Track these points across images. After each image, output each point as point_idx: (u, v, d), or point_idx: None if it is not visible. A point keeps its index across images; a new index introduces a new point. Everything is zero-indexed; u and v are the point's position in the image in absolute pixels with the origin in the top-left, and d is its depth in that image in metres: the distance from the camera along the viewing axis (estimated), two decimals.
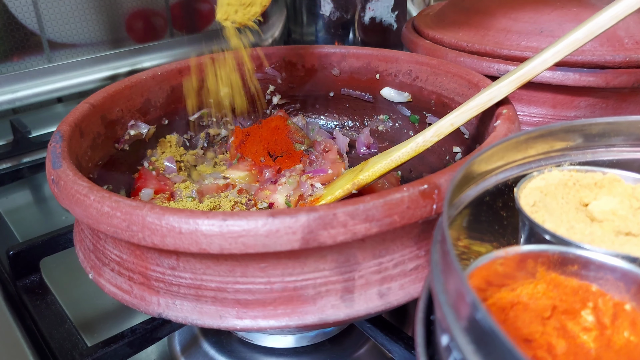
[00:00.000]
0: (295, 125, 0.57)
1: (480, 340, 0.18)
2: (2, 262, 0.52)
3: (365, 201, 0.28)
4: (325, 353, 0.46)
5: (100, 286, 0.35)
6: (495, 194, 0.30)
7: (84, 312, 0.50)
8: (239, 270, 0.30)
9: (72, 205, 0.32)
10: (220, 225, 0.27)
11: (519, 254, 0.25)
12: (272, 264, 0.30)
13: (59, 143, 0.37)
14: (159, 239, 0.28)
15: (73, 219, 0.51)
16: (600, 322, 0.23)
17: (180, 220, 0.28)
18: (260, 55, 0.56)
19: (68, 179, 0.32)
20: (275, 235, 0.27)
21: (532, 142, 0.30)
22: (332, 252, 0.30)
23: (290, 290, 0.30)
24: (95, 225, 0.30)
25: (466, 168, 0.27)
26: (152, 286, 0.32)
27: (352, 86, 0.57)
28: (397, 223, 0.29)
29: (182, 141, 0.55)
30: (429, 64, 0.51)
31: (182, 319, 0.32)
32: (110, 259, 0.34)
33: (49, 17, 0.82)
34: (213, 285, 0.31)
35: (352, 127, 0.59)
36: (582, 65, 0.47)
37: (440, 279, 0.21)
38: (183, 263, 0.31)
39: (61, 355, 0.42)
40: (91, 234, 0.35)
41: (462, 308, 0.19)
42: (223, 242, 0.28)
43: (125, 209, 0.29)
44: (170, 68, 0.52)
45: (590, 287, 0.24)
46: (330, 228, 0.28)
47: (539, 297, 0.24)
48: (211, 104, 0.55)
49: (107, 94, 0.45)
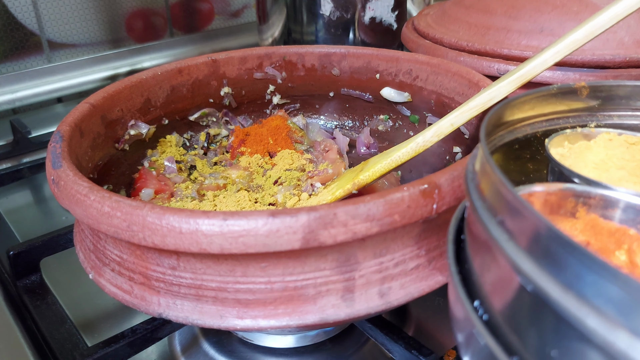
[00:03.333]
0: (296, 125, 0.57)
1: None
2: (3, 262, 0.52)
3: (365, 201, 0.28)
4: (325, 353, 0.46)
5: (101, 286, 0.35)
6: (524, 143, 0.30)
7: (84, 312, 0.49)
8: (240, 270, 0.30)
9: (72, 205, 0.32)
10: (221, 225, 0.27)
11: (560, 191, 0.24)
12: (272, 263, 0.30)
13: (59, 143, 0.37)
14: (159, 239, 0.28)
15: (73, 219, 0.51)
16: (632, 262, 0.22)
17: (180, 220, 0.28)
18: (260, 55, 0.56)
19: (68, 179, 0.32)
20: (276, 235, 0.27)
21: (562, 98, 0.30)
22: (332, 251, 0.30)
23: (290, 290, 0.30)
24: (96, 225, 0.30)
25: (500, 108, 0.27)
26: (153, 286, 0.32)
27: (352, 86, 0.57)
28: (398, 223, 0.29)
29: (182, 141, 0.55)
30: (429, 64, 0.51)
31: (183, 319, 0.32)
32: (111, 259, 0.34)
33: (49, 17, 0.82)
34: (213, 285, 0.31)
35: (352, 127, 0.59)
36: (582, 65, 0.47)
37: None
38: (183, 263, 0.31)
39: (61, 356, 0.42)
40: (91, 234, 0.35)
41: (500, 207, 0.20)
42: (223, 242, 0.28)
43: (125, 209, 0.29)
44: (170, 68, 0.52)
45: (628, 231, 0.23)
46: (331, 228, 0.28)
47: (575, 235, 0.23)
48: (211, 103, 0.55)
49: (107, 93, 0.45)
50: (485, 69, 0.49)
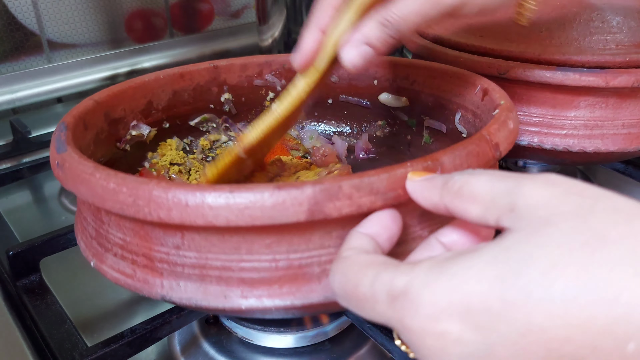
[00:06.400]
0: (289, 135, 0.58)
1: None
2: (2, 262, 0.52)
3: (370, 174, 0.29)
4: (325, 353, 0.46)
5: (103, 273, 0.35)
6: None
7: (84, 312, 0.49)
8: (244, 247, 0.30)
9: (77, 185, 0.32)
10: (227, 197, 0.28)
11: None
12: (277, 240, 0.30)
13: (63, 132, 0.37)
14: (165, 213, 0.28)
15: (73, 219, 0.51)
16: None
17: (186, 193, 0.28)
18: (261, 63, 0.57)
19: (73, 160, 0.33)
20: (282, 207, 0.28)
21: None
22: (337, 228, 0.30)
23: (295, 268, 0.31)
24: (101, 203, 0.30)
25: None
26: (156, 268, 0.32)
27: (350, 92, 0.58)
28: (402, 197, 0.29)
29: (182, 145, 0.55)
30: (426, 67, 0.52)
31: (187, 300, 0.32)
32: (114, 243, 0.34)
33: (49, 17, 0.83)
34: (218, 264, 0.31)
35: (350, 133, 0.60)
36: (581, 65, 0.48)
37: None
38: (188, 241, 0.31)
39: (61, 355, 0.41)
40: (94, 220, 0.35)
41: None
42: (229, 214, 0.28)
43: (131, 184, 0.29)
44: (173, 72, 0.53)
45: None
46: (336, 200, 0.28)
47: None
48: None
49: (111, 92, 0.46)
50: (485, 69, 0.50)
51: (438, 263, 0.23)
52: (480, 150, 0.32)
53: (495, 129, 0.34)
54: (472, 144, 0.32)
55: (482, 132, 0.34)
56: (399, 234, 0.30)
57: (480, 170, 0.26)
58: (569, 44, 0.48)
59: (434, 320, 0.22)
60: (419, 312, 0.22)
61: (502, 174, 0.25)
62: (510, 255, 0.21)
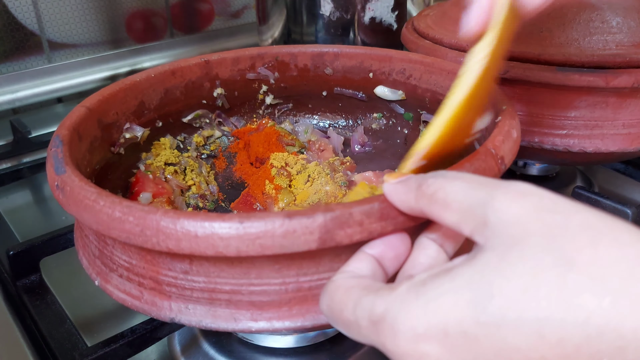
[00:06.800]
0: (284, 130, 0.57)
1: None
2: (2, 262, 0.52)
3: (380, 200, 0.28)
4: (325, 353, 0.47)
5: (108, 293, 0.35)
6: None
7: (84, 312, 0.49)
8: (254, 272, 0.30)
9: (80, 211, 0.31)
10: (237, 227, 0.27)
11: None
12: (286, 264, 0.30)
13: (59, 148, 0.36)
14: (174, 244, 0.28)
15: (73, 219, 0.51)
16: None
17: (195, 224, 0.28)
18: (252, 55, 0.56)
19: (74, 184, 0.32)
20: (293, 236, 0.27)
21: None
22: (346, 251, 0.30)
23: (305, 290, 0.31)
24: (106, 231, 0.30)
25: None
26: (164, 291, 0.32)
27: (345, 85, 0.57)
28: (412, 222, 0.29)
29: (176, 143, 0.54)
30: (422, 62, 0.51)
31: (196, 322, 0.32)
32: (119, 265, 0.33)
33: (49, 17, 0.81)
34: (227, 288, 0.31)
35: (346, 126, 0.60)
36: (581, 65, 0.47)
37: None
38: (196, 267, 0.30)
39: (61, 355, 0.42)
40: (97, 240, 0.35)
41: None
42: (240, 244, 0.27)
43: (138, 214, 0.29)
44: (164, 70, 0.51)
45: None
46: (347, 227, 0.28)
47: None
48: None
49: (102, 97, 0.45)
50: None
51: (414, 286, 0.24)
52: (487, 166, 0.32)
53: (500, 142, 0.34)
54: (479, 160, 0.32)
55: (488, 146, 0.33)
56: (407, 253, 0.30)
57: (454, 174, 0.26)
58: (569, 44, 0.48)
59: (413, 344, 0.23)
60: (398, 337, 0.23)
61: (476, 181, 0.25)
62: (483, 278, 0.22)
